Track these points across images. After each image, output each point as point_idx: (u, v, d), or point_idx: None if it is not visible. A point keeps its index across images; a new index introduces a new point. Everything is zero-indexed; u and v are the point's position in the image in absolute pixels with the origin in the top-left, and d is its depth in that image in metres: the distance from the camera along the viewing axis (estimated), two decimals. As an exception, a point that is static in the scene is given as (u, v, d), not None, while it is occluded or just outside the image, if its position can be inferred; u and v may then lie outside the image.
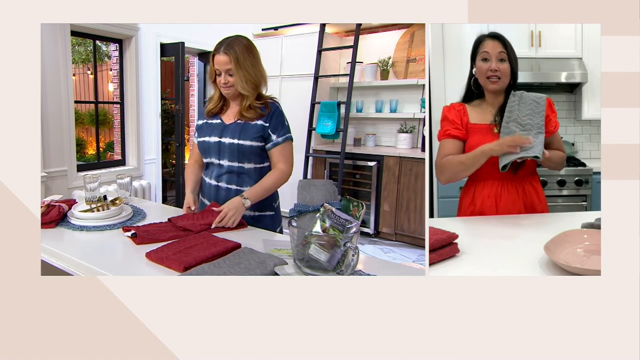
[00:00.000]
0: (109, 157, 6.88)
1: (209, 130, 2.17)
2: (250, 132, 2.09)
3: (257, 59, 2.11)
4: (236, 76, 2.04)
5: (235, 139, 2.09)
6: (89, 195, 2.09)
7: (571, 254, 1.44)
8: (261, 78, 2.12)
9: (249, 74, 2.05)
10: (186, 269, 1.47)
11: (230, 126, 2.13)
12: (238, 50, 2.04)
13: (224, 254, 1.60)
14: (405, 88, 5.43)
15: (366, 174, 5.28)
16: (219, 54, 2.05)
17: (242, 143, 2.09)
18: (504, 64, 2.07)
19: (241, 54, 2.04)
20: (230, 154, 2.11)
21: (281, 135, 2.12)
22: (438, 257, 1.48)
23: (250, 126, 2.10)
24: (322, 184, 1.65)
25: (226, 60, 2.03)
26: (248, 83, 2.06)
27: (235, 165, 2.12)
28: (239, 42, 2.06)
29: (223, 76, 2.06)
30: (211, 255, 1.57)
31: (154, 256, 1.56)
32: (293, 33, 5.94)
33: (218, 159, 2.15)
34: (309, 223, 1.52)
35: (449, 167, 2.09)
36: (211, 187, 2.19)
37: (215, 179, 2.17)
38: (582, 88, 4.11)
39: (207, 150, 2.17)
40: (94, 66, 5.54)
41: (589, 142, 4.47)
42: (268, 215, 2.21)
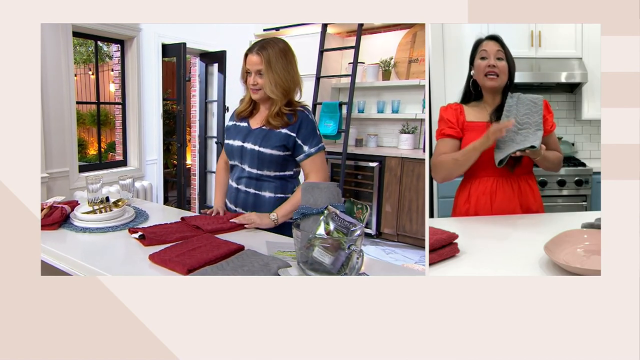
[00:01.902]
0: (110, 158, 6.88)
1: (234, 134, 2.15)
2: (273, 140, 2.04)
3: (291, 64, 2.06)
4: (266, 78, 1.99)
5: (257, 145, 2.05)
6: (91, 197, 2.08)
7: (571, 254, 1.44)
8: (293, 84, 2.06)
9: (279, 77, 2.00)
10: (189, 271, 1.46)
11: (255, 131, 2.09)
12: (271, 52, 1.99)
13: (227, 256, 1.59)
14: (407, 88, 5.43)
15: (368, 175, 5.28)
16: (251, 54, 2.01)
17: (263, 150, 2.04)
18: (502, 62, 2.11)
19: (274, 56, 1.99)
20: (250, 159, 2.08)
21: (314, 146, 2.06)
22: (438, 257, 1.49)
23: (273, 134, 2.04)
24: (326, 186, 1.64)
25: (257, 60, 1.99)
26: (277, 87, 2.00)
27: (254, 172, 2.09)
28: (274, 44, 2.02)
29: (253, 77, 2.02)
30: (214, 258, 1.56)
31: (157, 258, 1.55)
32: (295, 33, 5.94)
33: (240, 163, 2.13)
34: (313, 226, 1.52)
35: (443, 166, 2.11)
36: (232, 188, 2.19)
37: (235, 181, 2.16)
38: (582, 88, 4.10)
39: (231, 153, 2.16)
40: (95, 67, 5.56)
41: (589, 142, 4.47)
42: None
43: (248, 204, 2.12)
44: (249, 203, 2.12)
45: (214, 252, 1.60)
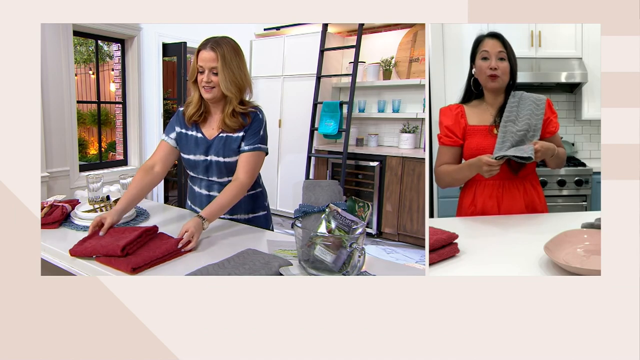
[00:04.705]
0: (110, 157, 6.89)
1: (192, 147, 2.07)
2: (233, 146, 2.01)
3: (243, 62, 2.01)
4: (221, 75, 1.93)
5: (221, 157, 2.02)
6: (91, 196, 2.09)
7: (571, 254, 1.44)
8: (245, 82, 2.01)
9: (234, 74, 1.95)
10: (134, 269, 1.46)
11: (214, 142, 2.03)
12: (225, 48, 1.95)
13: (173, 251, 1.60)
14: (407, 88, 5.42)
15: (368, 174, 5.28)
16: (205, 50, 1.95)
17: (228, 161, 2.02)
18: (504, 62, 2.08)
19: (228, 53, 1.95)
20: (218, 171, 2.05)
21: (250, 144, 2.00)
22: (438, 257, 1.49)
23: (232, 140, 2.01)
24: (327, 184, 1.64)
25: (212, 57, 1.93)
26: (233, 84, 1.95)
27: (225, 180, 2.06)
28: (226, 41, 1.98)
29: (206, 74, 1.94)
30: (162, 255, 1.56)
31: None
32: (295, 33, 5.95)
33: (207, 176, 2.09)
34: (314, 224, 1.51)
35: (442, 177, 2.17)
36: (202, 196, 2.13)
37: (206, 189, 2.12)
38: (582, 88, 4.11)
39: (195, 167, 2.10)
40: (96, 66, 5.56)
41: (589, 142, 4.47)
42: (261, 216, 2.19)
43: None
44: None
45: (160, 249, 1.59)
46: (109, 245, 1.56)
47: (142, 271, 1.47)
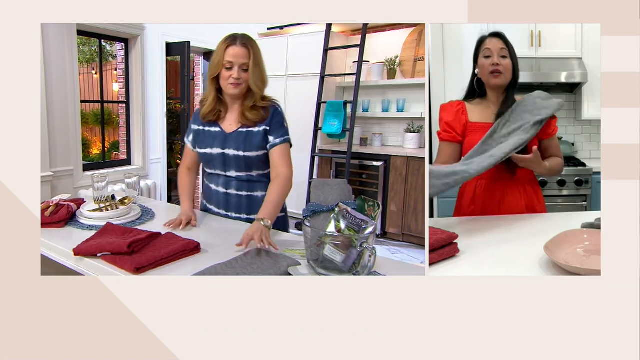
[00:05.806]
0: (114, 157, 6.90)
1: (209, 141, 2.07)
2: (255, 141, 2.01)
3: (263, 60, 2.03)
4: (252, 72, 1.93)
5: (240, 150, 2.01)
6: (97, 195, 2.09)
7: (571, 254, 1.44)
8: (267, 79, 2.03)
9: (261, 71, 1.97)
10: (138, 269, 1.45)
11: (232, 136, 2.03)
12: (255, 45, 1.95)
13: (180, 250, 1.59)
14: (412, 87, 5.40)
15: (373, 174, 5.27)
16: (236, 46, 1.92)
17: (248, 155, 2.01)
18: (506, 60, 2.08)
19: (257, 49, 1.96)
20: (236, 165, 2.04)
21: (279, 137, 2.01)
22: (438, 257, 1.49)
23: (253, 135, 2.01)
24: (336, 183, 1.63)
25: (244, 53, 1.92)
26: (262, 82, 1.98)
27: (243, 175, 2.06)
28: (252, 39, 1.98)
29: (236, 71, 1.92)
30: (167, 255, 1.54)
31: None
32: (299, 32, 5.94)
33: (224, 171, 2.08)
34: (323, 223, 1.51)
35: None
36: (219, 194, 2.12)
37: (223, 186, 2.11)
38: (582, 88, 4.10)
39: (211, 161, 2.10)
40: (99, 66, 5.57)
41: (589, 142, 4.47)
42: (280, 217, 2.11)
43: (242, 207, 2.09)
44: (243, 206, 2.09)
45: (166, 249, 1.58)
46: (115, 242, 1.56)
47: (146, 271, 1.46)
